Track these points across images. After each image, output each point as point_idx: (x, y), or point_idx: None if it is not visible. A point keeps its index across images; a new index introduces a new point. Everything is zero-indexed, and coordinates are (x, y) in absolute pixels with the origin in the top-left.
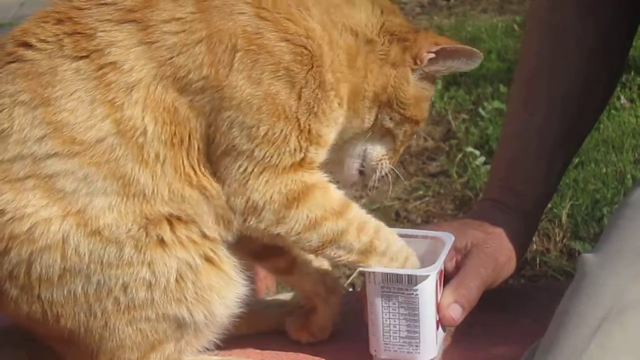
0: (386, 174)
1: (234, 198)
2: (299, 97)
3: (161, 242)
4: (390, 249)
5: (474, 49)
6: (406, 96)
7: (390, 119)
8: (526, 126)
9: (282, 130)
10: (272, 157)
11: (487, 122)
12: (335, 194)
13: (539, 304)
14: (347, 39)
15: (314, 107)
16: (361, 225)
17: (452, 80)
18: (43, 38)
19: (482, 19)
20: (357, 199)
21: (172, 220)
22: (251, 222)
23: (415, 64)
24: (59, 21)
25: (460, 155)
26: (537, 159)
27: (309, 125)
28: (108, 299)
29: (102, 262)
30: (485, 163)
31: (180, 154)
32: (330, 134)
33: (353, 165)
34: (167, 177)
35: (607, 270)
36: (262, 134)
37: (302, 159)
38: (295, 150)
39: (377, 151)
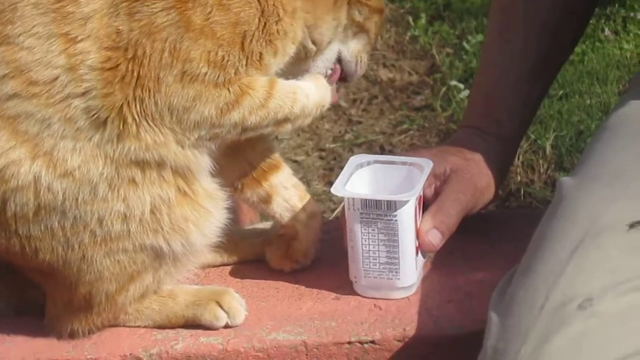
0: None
1: (179, 123)
2: (264, 26)
3: (133, 181)
4: (305, 111)
5: None
6: None
7: (360, 12)
8: (503, 54)
9: (236, 57)
10: (218, 77)
11: (471, 55)
12: (259, 87)
13: (518, 230)
14: None
15: (275, 37)
16: (279, 107)
17: (436, 15)
18: None
19: None
20: (341, 134)
21: (142, 165)
22: (192, 137)
23: None
24: None
25: (444, 89)
26: (514, 86)
27: (260, 53)
28: (85, 232)
29: (76, 200)
30: (469, 96)
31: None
32: (275, 65)
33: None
34: None
35: (583, 193)
36: (219, 58)
37: (240, 76)
38: (239, 71)
39: (354, 46)
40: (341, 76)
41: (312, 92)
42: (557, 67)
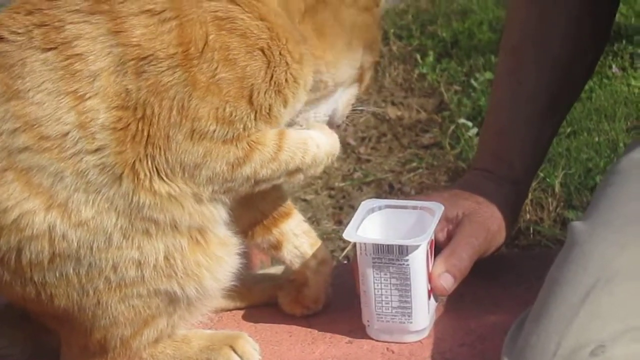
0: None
1: (192, 178)
2: (271, 78)
3: (147, 232)
4: (316, 161)
5: None
6: (377, 36)
7: (367, 60)
8: (514, 94)
9: (243, 112)
10: (226, 134)
11: (480, 93)
12: (269, 141)
13: (530, 272)
14: (317, 5)
15: (283, 87)
16: (290, 158)
17: (444, 52)
18: (14, 30)
19: None
20: (350, 172)
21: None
22: (206, 192)
23: (377, 5)
24: (29, 12)
25: (452, 127)
26: (526, 127)
27: (270, 105)
28: (99, 279)
29: (91, 248)
30: (477, 134)
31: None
32: (286, 115)
33: (324, 115)
34: None
35: (595, 238)
36: (227, 114)
37: (249, 132)
38: (247, 126)
39: (345, 98)
40: None
41: (323, 142)
42: (568, 106)
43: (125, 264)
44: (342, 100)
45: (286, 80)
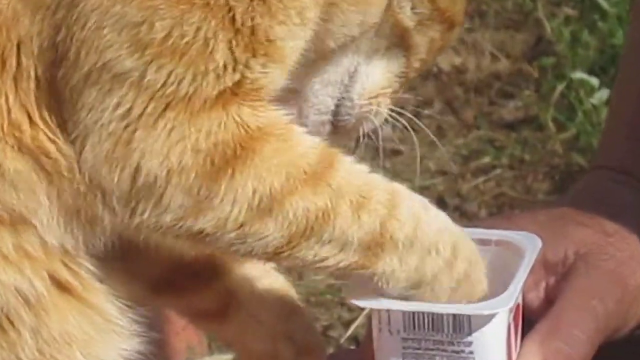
0: (381, 125)
1: (107, 167)
2: None
3: None
4: (425, 232)
5: None
6: None
7: (413, 9)
8: None
9: (198, 29)
10: (182, 81)
11: (614, 22)
12: (305, 142)
13: None
14: None
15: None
16: (361, 196)
17: None
18: None
19: None
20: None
21: None
22: (145, 215)
23: None
24: None
25: (561, 87)
26: None
27: (252, 20)
28: None
29: None
30: (608, 102)
31: (2, 86)
32: (291, 40)
33: (321, 102)
34: None
35: None
36: (161, 37)
37: (239, 83)
38: (225, 66)
39: (375, 75)
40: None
41: (434, 212)
42: None
43: None
44: (363, 79)
45: None
